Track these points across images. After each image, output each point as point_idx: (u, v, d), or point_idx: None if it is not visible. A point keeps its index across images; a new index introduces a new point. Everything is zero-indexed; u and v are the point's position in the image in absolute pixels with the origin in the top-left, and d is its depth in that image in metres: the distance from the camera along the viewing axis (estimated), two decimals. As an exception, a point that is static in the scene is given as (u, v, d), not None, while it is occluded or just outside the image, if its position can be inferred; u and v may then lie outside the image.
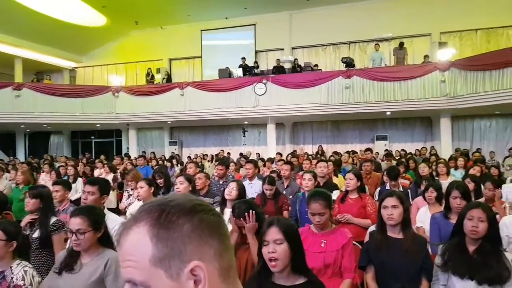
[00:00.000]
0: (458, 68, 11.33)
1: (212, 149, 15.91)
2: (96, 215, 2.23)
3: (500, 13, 13.74)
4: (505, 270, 2.17)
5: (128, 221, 0.75)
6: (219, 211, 3.57)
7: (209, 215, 0.76)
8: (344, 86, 12.19)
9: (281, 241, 1.81)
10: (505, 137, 14.00)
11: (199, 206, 0.76)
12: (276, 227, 1.84)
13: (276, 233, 1.83)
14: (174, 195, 0.80)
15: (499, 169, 7.34)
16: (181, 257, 0.69)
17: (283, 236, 1.81)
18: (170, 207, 0.73)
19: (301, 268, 1.87)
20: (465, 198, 3.01)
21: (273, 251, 1.80)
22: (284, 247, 1.80)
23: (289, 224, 1.91)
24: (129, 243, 0.72)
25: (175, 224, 0.71)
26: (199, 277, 0.69)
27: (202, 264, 0.70)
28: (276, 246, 1.81)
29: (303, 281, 1.84)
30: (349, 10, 15.35)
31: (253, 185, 5.58)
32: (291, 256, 1.81)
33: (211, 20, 16.93)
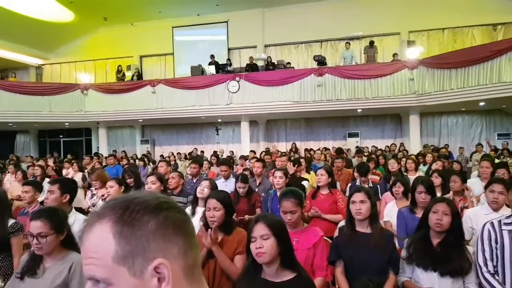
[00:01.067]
0: (426, 66, 11.66)
1: (185, 148, 15.76)
2: (58, 217, 2.15)
3: (466, 13, 14.25)
4: (466, 262, 2.25)
5: (91, 217, 0.74)
6: (190, 210, 3.59)
7: (175, 213, 0.76)
8: (316, 84, 12.32)
9: (268, 236, 1.82)
10: (471, 133, 14.59)
11: (165, 204, 0.75)
12: (263, 223, 1.85)
13: (262, 228, 1.84)
14: (140, 193, 0.78)
15: (461, 164, 7.61)
16: (145, 255, 0.69)
17: (270, 231, 1.82)
18: (134, 204, 0.72)
19: (290, 263, 1.87)
20: (429, 193, 3.09)
21: (260, 246, 1.81)
22: (271, 242, 1.81)
23: (276, 220, 1.92)
24: (92, 240, 0.71)
25: (139, 222, 0.70)
26: (163, 275, 0.69)
27: (166, 261, 0.69)
28: (263, 242, 1.82)
29: (292, 276, 1.84)
30: (321, 9, 15.51)
31: (228, 183, 5.54)
32: (279, 250, 1.82)
33: (183, 17, 16.72)
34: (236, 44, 16.74)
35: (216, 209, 2.56)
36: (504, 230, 2.25)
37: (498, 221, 2.31)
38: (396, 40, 15.27)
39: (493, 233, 2.28)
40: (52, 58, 18.83)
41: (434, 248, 2.32)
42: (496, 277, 2.24)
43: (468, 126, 14.67)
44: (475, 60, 10.42)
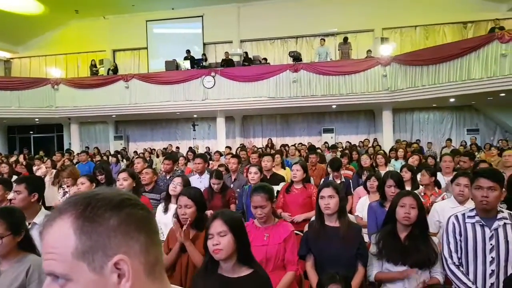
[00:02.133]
0: (398, 63, 11.89)
1: (160, 144, 15.56)
2: (15, 217, 2.05)
3: (437, 11, 14.62)
4: (433, 253, 2.31)
5: (52, 213, 0.74)
6: (163, 207, 3.55)
7: (138, 210, 0.76)
8: (292, 79, 12.37)
9: (225, 233, 1.82)
10: (442, 129, 15.03)
11: (128, 201, 0.75)
12: (220, 219, 1.85)
13: (220, 225, 1.84)
14: (103, 189, 0.78)
15: (435, 159, 7.82)
16: (106, 251, 0.69)
17: (227, 227, 1.82)
18: (96, 200, 0.72)
19: (246, 259, 1.88)
20: (399, 187, 3.16)
21: (217, 243, 1.81)
22: (228, 238, 1.81)
23: (233, 216, 1.92)
24: (52, 236, 0.71)
25: (101, 218, 0.70)
26: (123, 271, 0.69)
27: (126, 258, 0.70)
28: (220, 238, 1.81)
29: (249, 272, 1.85)
30: (296, 5, 15.58)
31: (202, 179, 5.50)
32: (236, 247, 1.82)
33: (157, 11, 16.46)
34: (212, 39, 16.62)
35: (187, 206, 2.55)
36: (468, 223, 2.32)
37: (462, 214, 2.38)
38: (370, 37, 15.51)
39: (457, 226, 2.34)
40: (21, 52, 18.20)
41: (402, 242, 2.37)
42: (461, 268, 2.31)
43: (439, 122, 15.10)
44: (446, 57, 10.70)
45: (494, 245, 2.23)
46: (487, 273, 2.24)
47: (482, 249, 2.26)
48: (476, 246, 2.27)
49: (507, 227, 2.25)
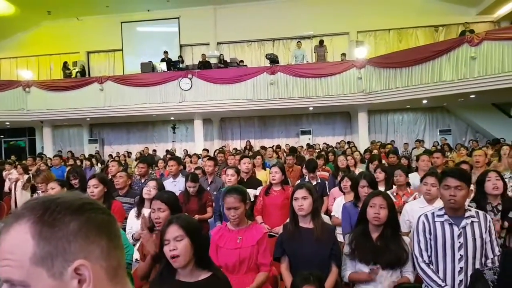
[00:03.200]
0: (373, 65, 12.12)
1: (136, 147, 15.33)
2: None
3: (410, 15, 15.01)
4: (403, 252, 2.35)
5: (9, 218, 0.72)
6: (136, 211, 3.49)
7: (98, 214, 0.75)
8: (269, 82, 12.42)
9: (182, 238, 1.80)
10: (415, 130, 15.40)
11: (88, 205, 0.74)
12: (176, 224, 1.83)
13: (176, 230, 1.81)
14: (63, 193, 0.78)
15: (409, 159, 7.99)
16: (65, 256, 0.68)
17: (184, 232, 1.80)
18: (56, 205, 0.71)
19: (204, 262, 1.86)
20: (372, 187, 3.21)
21: (174, 249, 1.78)
22: (185, 243, 1.79)
23: (189, 221, 1.89)
24: (8, 241, 0.69)
25: (60, 222, 0.69)
26: (84, 276, 0.68)
27: (87, 263, 0.69)
28: (177, 243, 1.79)
29: (207, 275, 1.83)
30: (272, 8, 15.69)
31: (177, 183, 5.44)
32: (193, 251, 1.80)
33: (132, 12, 16.25)
34: (188, 41, 16.53)
35: (160, 210, 2.52)
36: (437, 221, 2.37)
37: (432, 213, 2.43)
38: (345, 39, 15.75)
39: (427, 225, 2.39)
40: (-10, 54, 17.61)
41: (374, 242, 2.41)
42: (431, 266, 2.36)
43: (412, 123, 15.47)
44: (418, 60, 10.96)
45: (462, 243, 2.29)
46: (456, 270, 2.30)
47: (451, 247, 2.31)
48: (445, 244, 2.32)
49: (475, 225, 2.31)
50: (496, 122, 13.69)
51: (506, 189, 3.10)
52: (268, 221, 4.03)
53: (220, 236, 2.57)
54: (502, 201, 3.02)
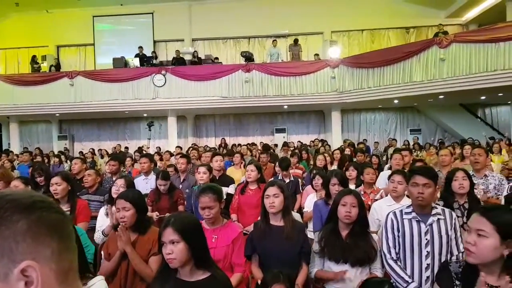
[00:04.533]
0: (346, 65, 12.29)
1: (108, 144, 14.99)
2: None
3: (382, 17, 15.32)
4: (372, 250, 2.38)
5: None
6: (105, 210, 3.40)
7: (50, 213, 0.71)
8: (244, 80, 12.39)
9: (178, 241, 1.76)
10: (387, 129, 15.75)
11: (40, 203, 0.71)
12: (171, 228, 1.78)
13: (171, 234, 1.77)
14: (13, 190, 0.74)
15: (379, 158, 8.13)
16: (12, 257, 0.65)
17: (179, 236, 1.76)
18: (4, 202, 0.68)
19: (203, 262, 1.84)
20: (342, 185, 3.24)
21: (170, 252, 1.75)
22: (181, 247, 1.75)
23: (184, 223, 1.83)
24: None
25: (8, 221, 0.66)
26: (31, 278, 0.65)
27: (35, 264, 0.65)
28: (173, 247, 1.75)
29: (206, 275, 1.82)
30: (248, 6, 15.66)
31: (148, 180, 5.34)
32: (191, 253, 1.77)
33: (105, 6, 15.85)
34: (162, 37, 16.29)
35: (125, 209, 2.46)
36: (405, 219, 2.42)
37: (400, 210, 2.47)
38: (320, 39, 15.92)
39: (395, 222, 2.43)
40: (-48, 46, 16.78)
41: (343, 240, 2.42)
42: (398, 263, 2.40)
43: (384, 122, 15.82)
44: (390, 60, 11.19)
45: (429, 239, 2.34)
46: (423, 267, 2.34)
47: (418, 243, 2.35)
48: (412, 241, 2.37)
49: (441, 222, 2.37)
50: (463, 122, 14.18)
51: (472, 187, 3.19)
52: (243, 219, 4.00)
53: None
54: (469, 200, 3.11)
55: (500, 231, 1.45)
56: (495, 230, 1.46)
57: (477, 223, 1.51)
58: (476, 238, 1.49)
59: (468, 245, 1.53)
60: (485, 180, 3.78)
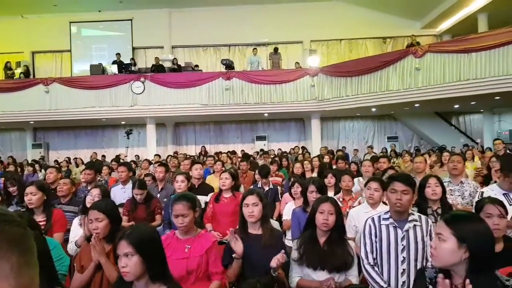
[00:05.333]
0: (325, 74, 12.45)
1: (84, 152, 14.64)
2: None
3: (360, 27, 15.66)
4: (349, 256, 2.40)
5: None
6: (79, 220, 3.30)
7: (12, 226, 0.68)
8: (225, 87, 12.38)
9: (132, 254, 1.71)
10: (365, 137, 15.99)
11: (1, 216, 0.68)
12: (125, 240, 1.73)
13: (125, 246, 1.72)
14: None
15: (358, 165, 8.23)
16: None
17: (133, 249, 1.71)
18: None
19: (160, 276, 1.78)
20: (320, 192, 3.26)
21: (124, 265, 1.70)
22: (135, 260, 1.70)
23: (140, 235, 1.77)
24: None
25: None
26: None
27: None
28: (127, 260, 1.71)
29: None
30: (228, 14, 15.72)
31: (126, 189, 5.23)
32: (146, 267, 1.72)
33: (82, 12, 15.62)
34: (142, 44, 16.16)
35: (98, 219, 2.40)
36: (383, 224, 2.45)
37: (378, 216, 2.51)
38: (299, 48, 16.11)
39: (373, 228, 2.46)
40: None
41: (321, 247, 2.43)
42: (375, 268, 2.42)
43: (363, 130, 16.07)
44: (367, 69, 11.41)
45: (405, 245, 2.38)
46: (399, 272, 2.37)
47: (394, 249, 2.39)
48: (389, 246, 2.40)
49: (417, 229, 2.41)
50: (438, 129, 14.55)
51: (444, 194, 3.26)
52: (218, 228, 3.95)
53: (168, 245, 2.47)
54: (441, 206, 3.17)
55: (456, 235, 1.48)
56: (452, 234, 1.49)
57: (438, 227, 1.56)
58: (437, 241, 1.53)
59: (431, 248, 1.58)
60: (461, 187, 3.86)
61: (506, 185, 3.26)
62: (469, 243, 1.45)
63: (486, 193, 3.27)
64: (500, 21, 11.95)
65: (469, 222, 1.51)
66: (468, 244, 1.45)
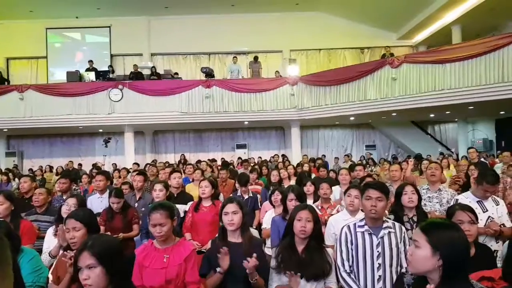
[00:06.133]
0: (305, 83, 12.59)
1: (60, 161, 14.28)
2: None
3: (338, 37, 15.98)
4: (327, 264, 2.41)
5: None
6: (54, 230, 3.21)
7: None
8: (204, 95, 12.35)
9: (95, 265, 1.64)
10: (344, 145, 16.20)
11: None
12: (88, 251, 1.65)
13: (87, 258, 1.64)
14: None
15: (336, 173, 8.32)
16: None
17: (96, 260, 1.64)
18: None
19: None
20: (299, 200, 3.28)
21: (86, 278, 1.63)
22: (98, 272, 1.63)
23: (103, 246, 1.70)
24: None
25: None
26: None
27: None
28: (89, 272, 1.63)
29: None
30: (209, 22, 15.77)
31: (103, 199, 5.13)
32: (109, 279, 1.66)
33: (59, 18, 15.35)
34: (120, 51, 15.98)
35: (76, 229, 2.34)
36: (358, 232, 2.48)
37: (354, 224, 2.54)
38: (279, 57, 16.27)
39: (349, 235, 2.49)
40: None
41: (299, 255, 2.43)
42: (351, 275, 2.45)
43: (342, 138, 16.28)
44: (346, 79, 11.59)
45: (380, 252, 2.42)
46: (375, 278, 2.40)
47: (370, 256, 2.42)
48: (365, 253, 2.43)
49: (391, 235, 2.46)
50: (414, 138, 14.89)
51: (420, 201, 3.33)
52: (198, 238, 3.91)
53: (146, 255, 2.44)
54: (417, 213, 3.23)
55: (431, 243, 1.50)
56: (427, 241, 1.51)
57: (415, 235, 1.58)
58: (413, 248, 1.55)
59: (407, 255, 1.60)
60: (439, 194, 3.94)
61: (479, 192, 3.35)
62: (442, 251, 1.47)
63: (460, 200, 3.36)
64: (473, 33, 12.43)
65: (445, 230, 1.53)
66: (441, 252, 1.47)
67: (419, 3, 13.09)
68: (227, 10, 15.45)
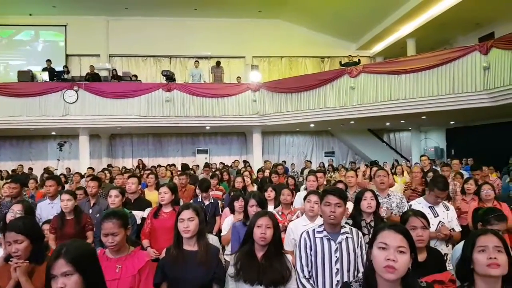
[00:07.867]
0: (266, 89, 12.69)
1: (9, 164, 13.48)
2: None
3: (299, 46, 16.31)
4: (286, 270, 2.40)
5: None
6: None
7: None
8: (165, 99, 12.11)
9: (71, 273, 1.54)
10: (304, 151, 16.47)
11: None
12: (63, 258, 1.55)
13: (63, 265, 1.54)
14: None
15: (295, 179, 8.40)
16: None
17: (73, 267, 1.54)
18: None
19: None
20: (260, 206, 3.26)
21: (62, 286, 1.53)
22: (75, 279, 1.54)
23: (79, 252, 1.61)
24: None
25: None
26: None
27: None
28: (66, 280, 1.53)
29: None
30: (170, 25, 15.58)
31: (54, 205, 4.87)
32: (85, 286, 1.57)
33: (10, 15, 14.58)
34: (76, 51, 15.40)
35: (18, 241, 2.20)
36: (317, 237, 2.50)
37: (313, 230, 2.56)
38: (242, 63, 16.35)
39: (308, 241, 2.50)
40: None
41: (259, 261, 2.41)
42: (310, 281, 2.45)
43: (302, 145, 16.55)
44: (307, 86, 11.80)
45: (338, 257, 2.44)
46: (334, 283, 2.42)
47: (328, 261, 2.44)
48: (324, 258, 2.45)
49: (349, 241, 2.49)
50: (371, 145, 15.40)
51: (378, 207, 3.42)
52: (156, 245, 3.79)
53: (100, 266, 2.32)
54: (374, 219, 3.32)
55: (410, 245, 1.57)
56: (408, 246, 1.55)
57: (395, 241, 1.55)
58: (398, 254, 1.52)
59: (390, 262, 1.51)
60: (388, 199, 4.12)
61: (431, 198, 3.50)
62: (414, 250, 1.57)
63: (414, 206, 3.49)
64: (427, 46, 13.08)
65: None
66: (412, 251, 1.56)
67: (377, 16, 13.61)
68: (189, 14, 15.31)
